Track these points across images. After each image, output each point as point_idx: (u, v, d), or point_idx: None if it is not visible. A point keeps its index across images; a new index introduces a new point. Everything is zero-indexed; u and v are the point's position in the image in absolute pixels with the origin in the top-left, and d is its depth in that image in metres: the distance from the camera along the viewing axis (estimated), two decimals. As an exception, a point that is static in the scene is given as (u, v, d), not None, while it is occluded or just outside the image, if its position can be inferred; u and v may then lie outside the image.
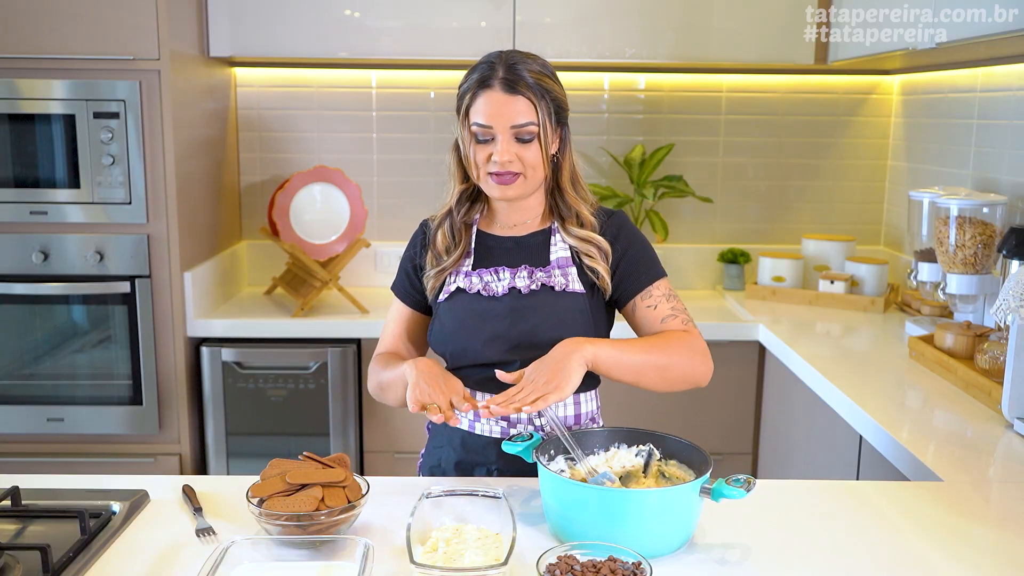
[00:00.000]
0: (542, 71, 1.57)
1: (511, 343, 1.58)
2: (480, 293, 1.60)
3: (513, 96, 1.52)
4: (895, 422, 1.92)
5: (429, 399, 1.45)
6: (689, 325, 1.61)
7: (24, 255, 2.67)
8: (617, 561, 1.17)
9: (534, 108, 1.53)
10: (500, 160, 1.52)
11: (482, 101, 1.53)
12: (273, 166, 3.28)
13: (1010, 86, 2.47)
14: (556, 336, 1.54)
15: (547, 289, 1.59)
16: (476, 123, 1.54)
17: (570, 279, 1.60)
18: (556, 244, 1.63)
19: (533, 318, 1.57)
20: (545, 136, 1.54)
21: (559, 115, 1.59)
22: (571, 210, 1.63)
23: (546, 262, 1.62)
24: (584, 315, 1.60)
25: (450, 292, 1.63)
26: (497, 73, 1.53)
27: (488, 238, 1.66)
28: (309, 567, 1.22)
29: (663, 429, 1.50)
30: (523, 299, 1.59)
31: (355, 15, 2.89)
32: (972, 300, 2.38)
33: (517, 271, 1.60)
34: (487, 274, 1.61)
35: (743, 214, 3.37)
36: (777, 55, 2.96)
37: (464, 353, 1.61)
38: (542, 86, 1.55)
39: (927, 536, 1.38)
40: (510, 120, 1.52)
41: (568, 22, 2.92)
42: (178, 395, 2.75)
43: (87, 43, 2.58)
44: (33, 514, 1.40)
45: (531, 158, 1.54)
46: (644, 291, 1.62)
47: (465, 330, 1.60)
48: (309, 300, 2.90)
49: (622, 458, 1.45)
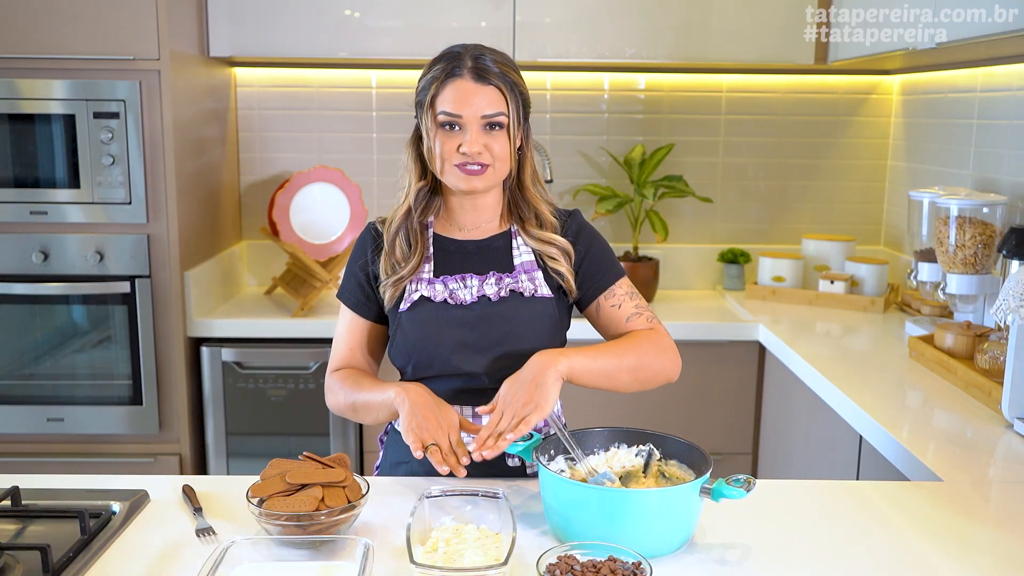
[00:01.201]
0: (508, 65, 1.54)
1: (481, 352, 1.55)
2: (447, 301, 1.56)
3: (484, 85, 1.50)
4: (895, 422, 1.92)
5: (430, 437, 1.41)
6: (654, 322, 1.61)
7: (24, 255, 2.67)
8: (617, 561, 1.17)
9: (504, 98, 1.51)
10: (471, 151, 1.49)
11: (450, 90, 1.50)
12: (273, 166, 3.28)
13: (1010, 86, 2.47)
14: (526, 343, 1.54)
15: (516, 295, 1.57)
16: (444, 112, 1.50)
17: (537, 284, 1.58)
18: (519, 248, 1.61)
19: (504, 326, 1.55)
20: (513, 128, 1.53)
21: (525, 110, 1.57)
22: (531, 209, 1.61)
23: (510, 267, 1.59)
24: (553, 319, 1.58)
25: (413, 301, 1.56)
26: (465, 63, 1.51)
27: (447, 242, 1.62)
28: (309, 567, 1.22)
29: (663, 429, 1.50)
30: (493, 306, 1.56)
31: (355, 15, 2.89)
32: (972, 300, 2.38)
33: (485, 278, 1.57)
34: (452, 281, 1.57)
35: (743, 214, 3.37)
36: (777, 55, 2.96)
37: (431, 363, 1.57)
38: (509, 78, 1.53)
39: (927, 536, 1.38)
40: (480, 109, 1.50)
41: (568, 22, 2.92)
42: (178, 395, 2.75)
43: (87, 43, 2.58)
44: (33, 514, 1.39)
45: (499, 149, 1.52)
46: (607, 291, 1.61)
47: (432, 340, 1.55)
48: (309, 300, 2.90)
49: (622, 458, 1.45)
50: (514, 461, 1.59)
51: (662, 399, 2.87)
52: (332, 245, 3.04)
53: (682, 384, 2.85)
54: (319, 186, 3.06)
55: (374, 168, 3.29)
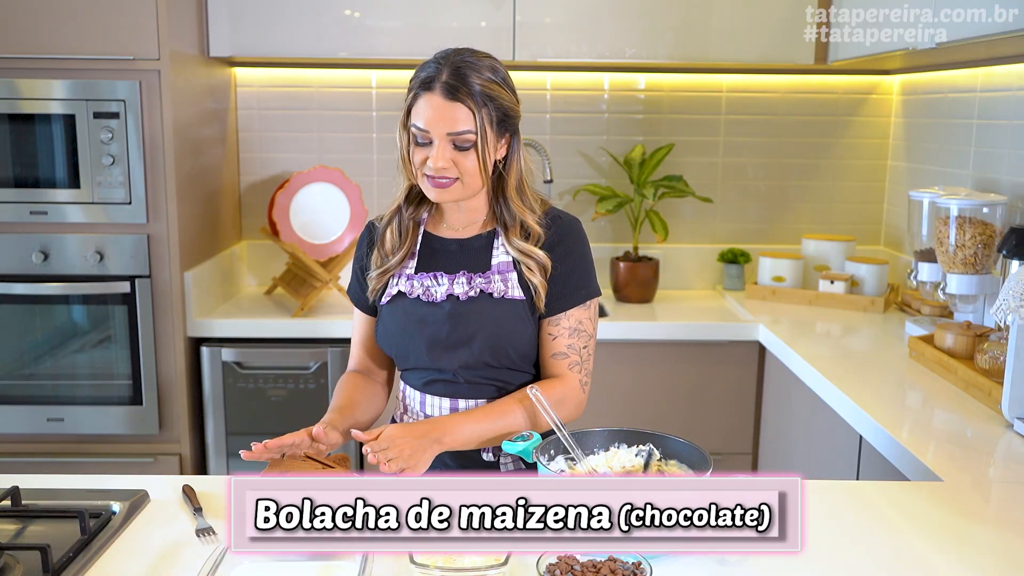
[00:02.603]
0: (490, 77, 1.51)
1: (449, 348, 1.58)
2: (420, 298, 1.59)
3: (452, 103, 1.48)
4: (895, 422, 1.92)
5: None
6: (573, 370, 1.60)
7: (24, 255, 2.67)
8: (617, 561, 1.17)
9: (473, 116, 1.49)
10: (435, 167, 1.50)
11: (422, 104, 1.50)
12: (273, 166, 3.29)
13: (1010, 86, 2.47)
14: (495, 342, 1.56)
15: (485, 296, 1.58)
16: (415, 126, 1.52)
17: (509, 285, 1.58)
18: (498, 248, 1.61)
19: (471, 325, 1.57)
20: (483, 145, 1.50)
21: (505, 122, 1.55)
22: (515, 219, 1.60)
23: (487, 267, 1.60)
24: (523, 321, 1.58)
25: (391, 295, 1.62)
26: (441, 76, 1.49)
27: (434, 240, 1.64)
28: (309, 567, 1.22)
29: (663, 429, 1.50)
30: (461, 305, 1.58)
31: (355, 15, 2.89)
32: (972, 300, 2.38)
33: (455, 277, 1.59)
34: (427, 279, 1.60)
35: (743, 214, 3.37)
36: (777, 55, 2.96)
37: (407, 356, 1.62)
38: (487, 93, 1.50)
39: (927, 536, 1.38)
40: (447, 127, 1.49)
41: (568, 22, 2.92)
42: (178, 395, 2.75)
43: (87, 43, 2.58)
44: (33, 514, 1.40)
45: (468, 166, 1.51)
46: (553, 317, 1.60)
47: (406, 334, 1.60)
48: (309, 300, 2.90)
49: (622, 458, 1.45)
50: (488, 456, 1.61)
51: (662, 399, 2.87)
52: (332, 245, 3.04)
53: (682, 384, 2.88)
54: (319, 186, 3.06)
55: (374, 168, 3.29)
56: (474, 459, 1.61)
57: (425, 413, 1.64)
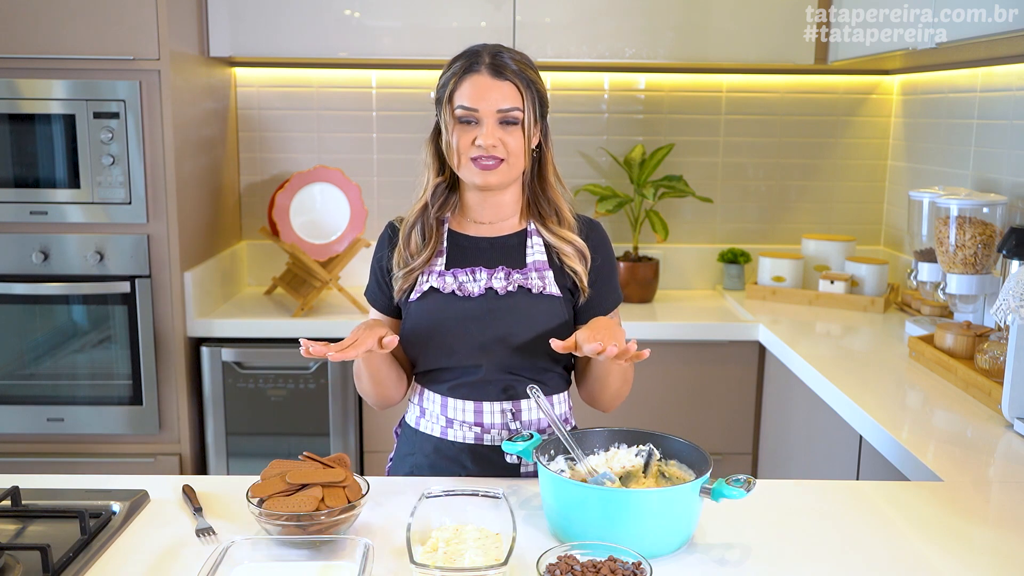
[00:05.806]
0: (526, 63, 1.58)
1: (484, 345, 1.57)
2: (455, 293, 1.59)
3: (500, 81, 1.53)
4: (895, 422, 1.92)
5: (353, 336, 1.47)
6: None
7: (24, 255, 2.67)
8: (617, 561, 1.17)
9: (520, 94, 1.54)
10: (485, 144, 1.52)
11: (468, 84, 1.53)
12: (273, 166, 3.29)
13: (1010, 86, 2.47)
14: (530, 339, 1.56)
15: (524, 291, 1.58)
16: (461, 106, 1.53)
17: (547, 282, 1.59)
18: (532, 247, 1.62)
19: (508, 320, 1.57)
20: (528, 124, 1.55)
21: (542, 108, 1.59)
22: (552, 206, 1.63)
23: (522, 264, 1.61)
24: (559, 318, 1.59)
25: (423, 291, 1.60)
26: (483, 59, 1.54)
27: (461, 238, 1.64)
28: (309, 567, 1.22)
29: (663, 429, 1.51)
30: (498, 300, 1.57)
31: (355, 15, 2.89)
32: (972, 300, 2.38)
33: (494, 272, 1.59)
34: (462, 274, 1.60)
35: (743, 214, 3.37)
36: (777, 55, 2.96)
37: (437, 355, 1.60)
38: (527, 76, 1.56)
39: (927, 536, 1.38)
40: (496, 104, 1.52)
41: (568, 22, 2.92)
42: (178, 395, 2.75)
43: (87, 43, 2.58)
44: (33, 514, 1.40)
45: (514, 145, 1.54)
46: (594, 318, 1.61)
47: (437, 330, 1.58)
48: (309, 300, 2.90)
49: (622, 458, 1.45)
50: (512, 459, 1.60)
51: (662, 399, 2.87)
52: (332, 245, 3.04)
53: (682, 384, 2.89)
54: (319, 186, 3.06)
55: (374, 168, 3.29)
56: (495, 463, 1.60)
57: (447, 417, 1.62)
